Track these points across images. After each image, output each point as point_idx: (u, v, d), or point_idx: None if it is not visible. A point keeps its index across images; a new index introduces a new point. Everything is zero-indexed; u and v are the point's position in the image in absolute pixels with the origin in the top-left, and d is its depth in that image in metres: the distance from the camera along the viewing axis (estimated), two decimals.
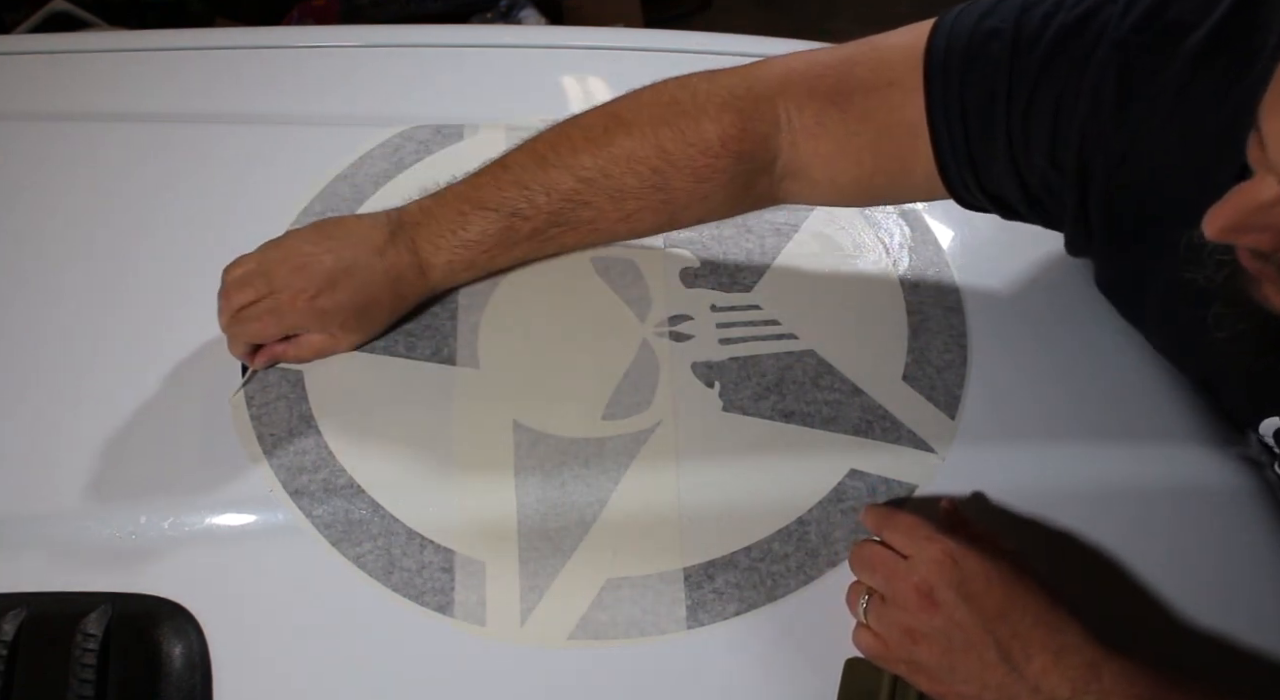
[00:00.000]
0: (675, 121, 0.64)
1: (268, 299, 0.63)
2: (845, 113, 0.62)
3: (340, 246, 0.64)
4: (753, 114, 0.63)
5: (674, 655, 0.58)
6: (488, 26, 1.95)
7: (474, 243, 0.65)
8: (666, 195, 0.65)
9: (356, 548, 0.61)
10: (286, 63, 0.91)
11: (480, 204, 0.65)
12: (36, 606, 0.57)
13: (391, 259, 0.65)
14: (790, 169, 0.65)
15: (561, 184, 0.64)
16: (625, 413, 0.66)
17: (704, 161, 0.63)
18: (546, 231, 0.66)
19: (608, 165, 0.64)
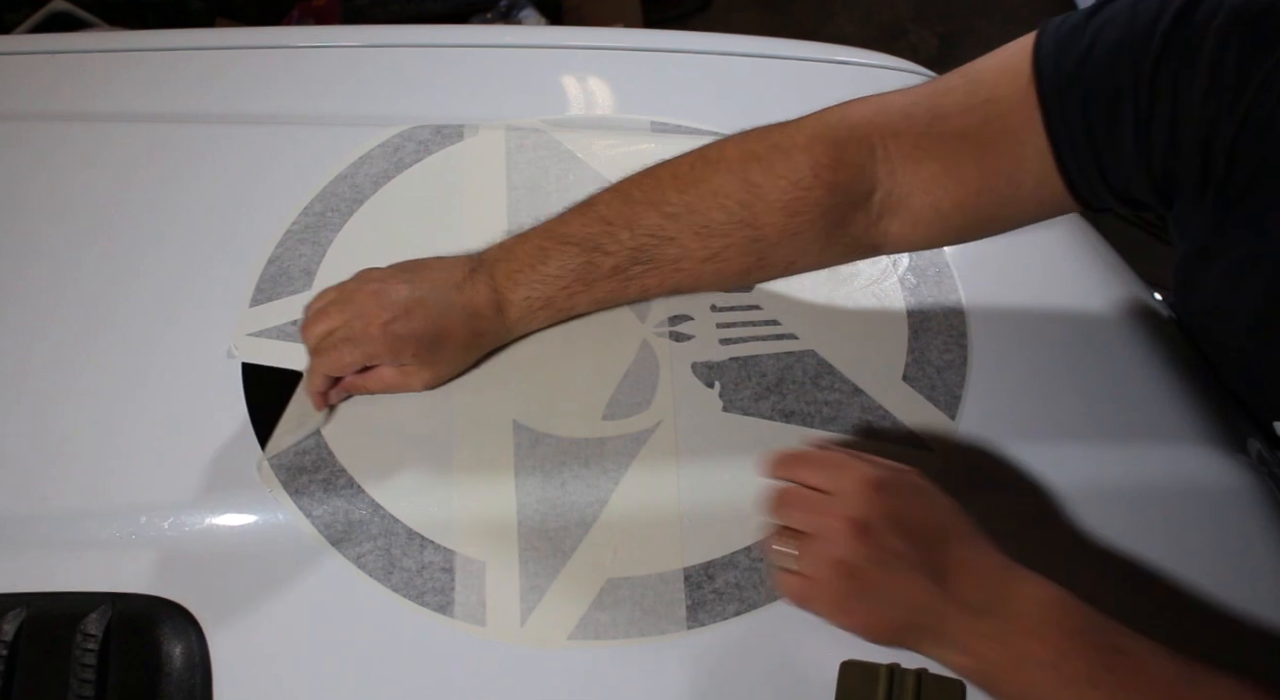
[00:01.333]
0: (764, 156, 0.62)
1: (343, 327, 0.62)
2: (944, 134, 0.60)
3: (418, 278, 0.64)
4: (846, 144, 0.61)
5: (674, 655, 0.58)
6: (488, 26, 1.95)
7: (553, 277, 0.64)
8: (755, 232, 0.62)
9: (356, 548, 0.61)
10: (286, 63, 0.91)
11: (562, 239, 0.64)
12: (36, 606, 0.57)
13: (468, 293, 0.64)
14: (889, 203, 0.62)
15: (645, 219, 0.63)
16: (625, 413, 0.66)
17: (795, 194, 0.60)
18: (628, 269, 0.64)
19: (694, 200, 0.62)
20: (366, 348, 0.62)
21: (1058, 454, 0.65)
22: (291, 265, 0.74)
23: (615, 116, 0.85)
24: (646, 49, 0.93)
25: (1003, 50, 0.59)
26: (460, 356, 0.65)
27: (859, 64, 0.94)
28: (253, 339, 0.69)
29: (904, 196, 0.61)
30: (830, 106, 0.63)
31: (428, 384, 0.65)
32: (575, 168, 0.80)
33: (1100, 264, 0.76)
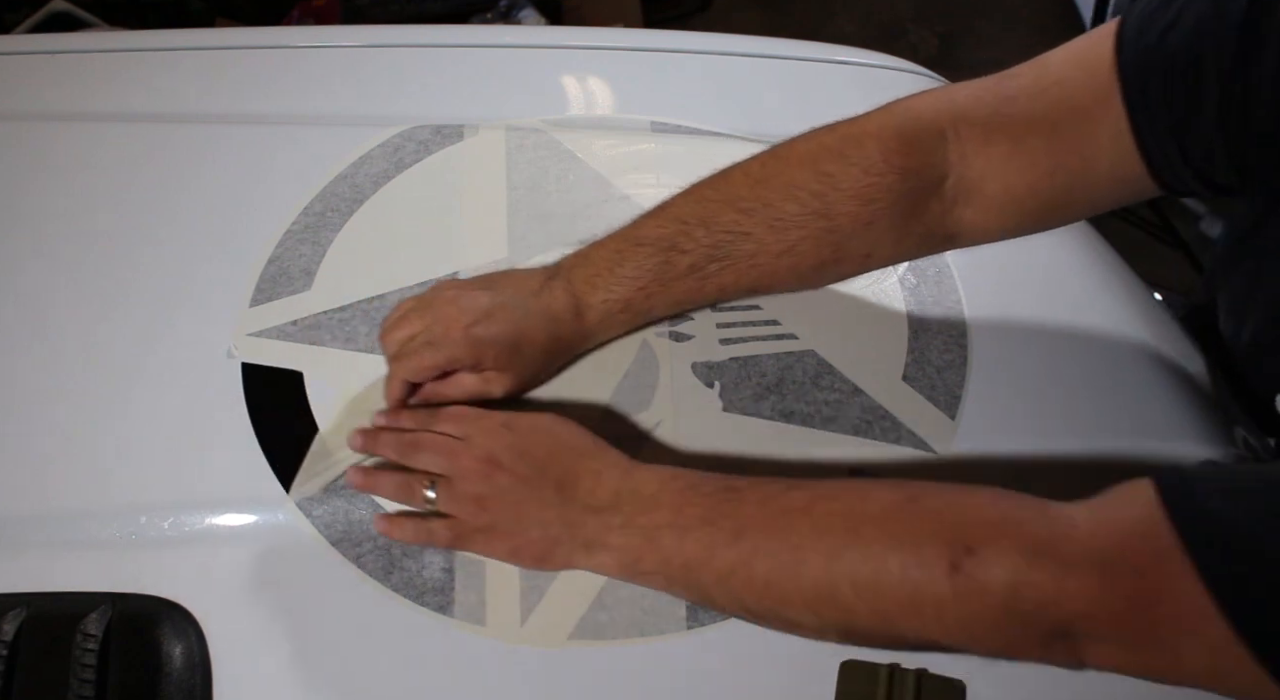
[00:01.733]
0: (835, 146, 0.62)
1: (423, 332, 0.62)
2: (1013, 116, 0.60)
3: (496, 286, 0.64)
4: (916, 130, 0.61)
5: (674, 655, 0.58)
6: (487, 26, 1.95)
7: (629, 279, 0.64)
8: (829, 222, 0.62)
9: (356, 548, 0.61)
10: (286, 63, 0.91)
11: (637, 241, 0.64)
12: (36, 606, 0.57)
13: (546, 299, 0.64)
14: (962, 188, 0.62)
15: (720, 216, 0.63)
16: (625, 413, 0.66)
17: (867, 181, 0.60)
18: (705, 267, 0.64)
19: (767, 194, 0.62)
20: (448, 351, 0.61)
21: (1057, 454, 0.65)
22: (291, 265, 0.74)
23: (615, 116, 0.85)
24: (646, 49, 0.93)
25: (1075, 41, 0.59)
26: (540, 362, 0.65)
27: (859, 64, 0.94)
28: (253, 339, 0.69)
29: (977, 181, 0.61)
30: (897, 99, 0.63)
31: (508, 391, 0.64)
32: (575, 168, 0.80)
33: (1100, 264, 0.76)
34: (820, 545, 0.50)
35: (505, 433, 0.58)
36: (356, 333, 0.70)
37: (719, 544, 0.53)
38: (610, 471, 0.57)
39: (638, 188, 0.79)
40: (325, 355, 0.69)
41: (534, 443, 0.58)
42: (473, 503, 0.57)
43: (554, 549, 0.57)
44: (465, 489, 0.57)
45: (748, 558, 0.52)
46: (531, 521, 0.57)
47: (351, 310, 0.71)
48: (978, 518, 0.49)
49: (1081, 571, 0.46)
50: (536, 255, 0.74)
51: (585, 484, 0.57)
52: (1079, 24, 2.27)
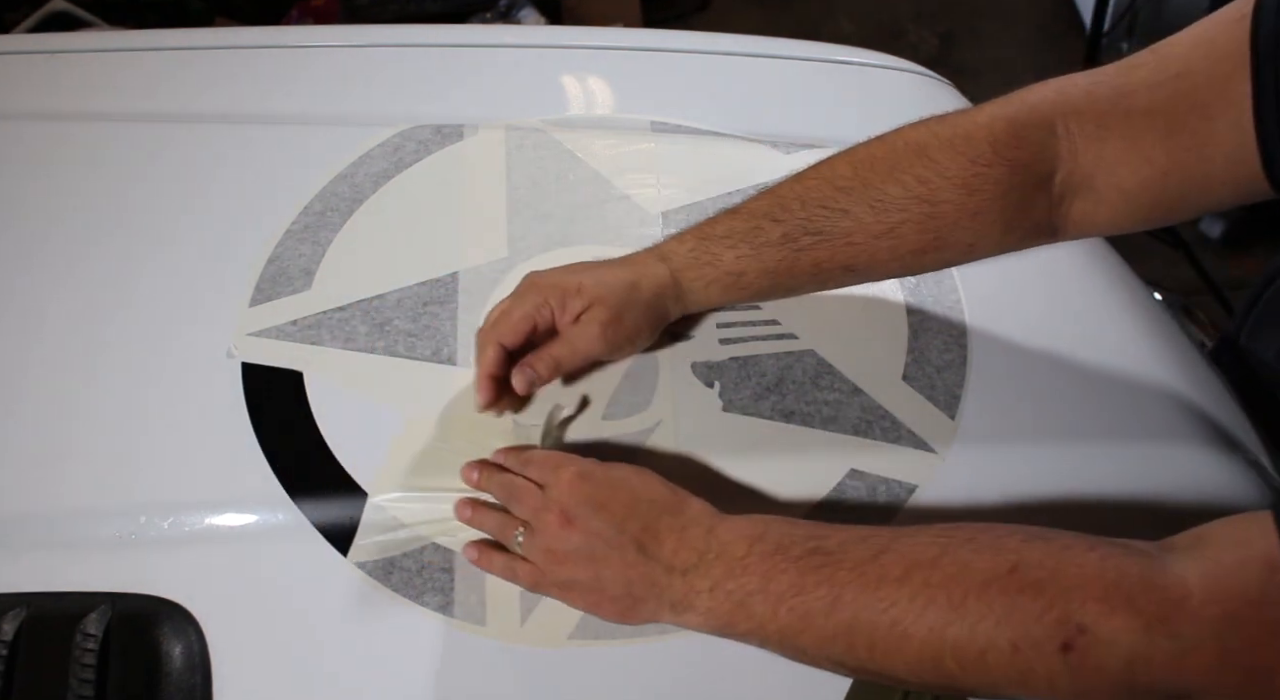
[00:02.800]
0: (943, 134, 0.60)
1: (513, 297, 0.64)
2: (1130, 111, 0.57)
3: (598, 264, 0.66)
4: (1027, 123, 0.59)
5: (674, 655, 0.58)
6: (487, 26, 1.95)
7: (719, 237, 0.64)
8: (932, 208, 0.60)
9: (356, 548, 0.61)
10: (286, 63, 0.91)
11: (731, 212, 0.65)
12: (36, 606, 0.57)
13: (641, 266, 0.65)
14: (1071, 183, 0.60)
15: (817, 190, 0.62)
16: (625, 413, 0.66)
17: (974, 171, 0.59)
18: (798, 238, 0.62)
19: (869, 175, 0.61)
20: (532, 296, 0.62)
21: (1057, 454, 0.65)
22: (291, 265, 0.74)
23: (615, 116, 0.85)
24: (646, 49, 0.93)
25: (1197, 25, 0.57)
26: (626, 292, 0.63)
27: (859, 64, 0.94)
28: (253, 339, 0.69)
29: (1087, 176, 0.59)
30: (1014, 92, 0.62)
31: (604, 326, 0.63)
32: (575, 168, 0.80)
33: (1100, 264, 0.76)
34: (922, 621, 0.49)
35: (582, 485, 0.57)
36: (356, 332, 0.70)
37: (815, 614, 0.51)
38: (693, 529, 0.55)
39: (638, 187, 0.79)
40: (325, 355, 0.69)
41: (612, 497, 0.56)
42: (545, 555, 0.56)
43: (638, 607, 0.55)
44: (543, 543, 0.56)
45: (846, 629, 0.50)
46: (612, 580, 0.55)
47: (351, 310, 0.71)
48: (1085, 588, 0.47)
49: (1200, 646, 0.45)
50: (536, 255, 0.74)
51: (668, 544, 0.55)
52: (1079, 24, 2.27)
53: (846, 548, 0.52)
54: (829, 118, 0.88)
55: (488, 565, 0.59)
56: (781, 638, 0.52)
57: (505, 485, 0.60)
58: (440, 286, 0.72)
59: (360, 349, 0.69)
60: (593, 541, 0.55)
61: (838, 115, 0.89)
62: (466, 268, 0.73)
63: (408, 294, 0.72)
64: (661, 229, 0.76)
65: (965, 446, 0.65)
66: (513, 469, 0.61)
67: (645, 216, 0.77)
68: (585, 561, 0.55)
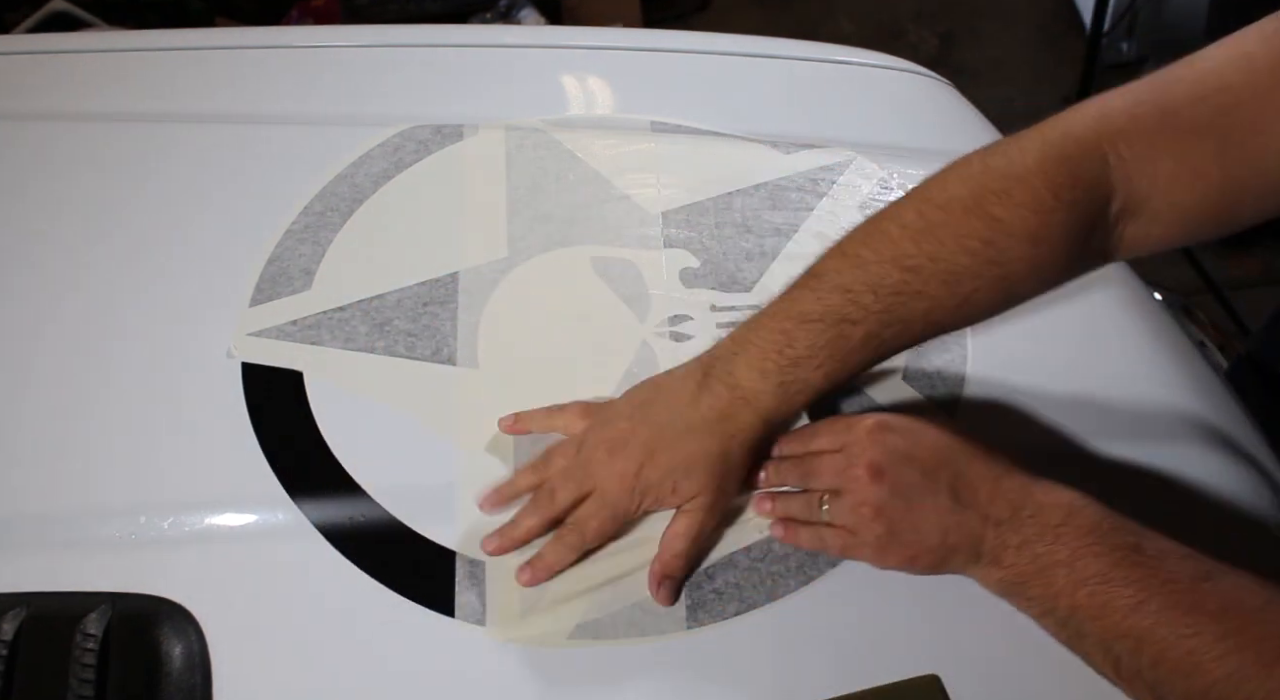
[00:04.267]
0: (997, 187, 0.57)
1: (593, 496, 0.59)
2: (1176, 130, 0.56)
3: (651, 412, 0.60)
4: (1078, 157, 0.57)
5: (674, 655, 0.58)
6: (487, 26, 1.95)
7: (803, 359, 0.59)
8: (1003, 269, 0.58)
9: (356, 547, 0.61)
10: (286, 63, 0.91)
11: (802, 318, 0.59)
12: (36, 606, 0.57)
13: (707, 403, 0.59)
14: (1127, 208, 0.58)
15: (887, 279, 0.58)
16: None
17: (1037, 221, 0.57)
18: (880, 334, 0.59)
19: (934, 248, 0.58)
20: (622, 509, 0.59)
21: (1057, 455, 0.65)
22: (291, 265, 0.74)
23: (615, 116, 0.85)
24: (646, 49, 0.93)
25: (1228, 40, 0.56)
26: (724, 468, 0.60)
27: (859, 64, 0.94)
28: (253, 339, 0.69)
29: (1142, 200, 0.58)
30: (1046, 121, 0.60)
31: (714, 508, 0.60)
32: (575, 168, 0.80)
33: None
34: (1222, 665, 0.47)
35: (886, 435, 0.56)
36: (356, 332, 0.70)
37: (1114, 609, 0.50)
38: (1007, 481, 0.55)
39: (638, 187, 0.79)
40: (325, 355, 0.69)
41: (917, 444, 0.56)
42: (861, 512, 0.56)
43: (950, 557, 0.55)
44: (854, 500, 0.56)
45: (1140, 634, 0.49)
46: (929, 528, 0.55)
47: (351, 310, 0.71)
48: None
49: None
50: (536, 255, 0.74)
51: (983, 492, 0.55)
52: (1079, 24, 2.27)
53: (1165, 558, 0.51)
54: (829, 118, 0.88)
55: (794, 538, 0.59)
56: (1070, 616, 0.52)
57: (798, 466, 0.60)
58: (440, 286, 0.72)
59: (360, 349, 0.69)
60: (907, 491, 0.55)
61: (838, 115, 0.89)
62: (466, 268, 0.73)
63: (408, 294, 0.72)
64: (661, 229, 0.76)
65: None
66: (797, 452, 0.61)
67: (645, 216, 0.77)
68: (901, 513, 0.55)
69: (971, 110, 0.94)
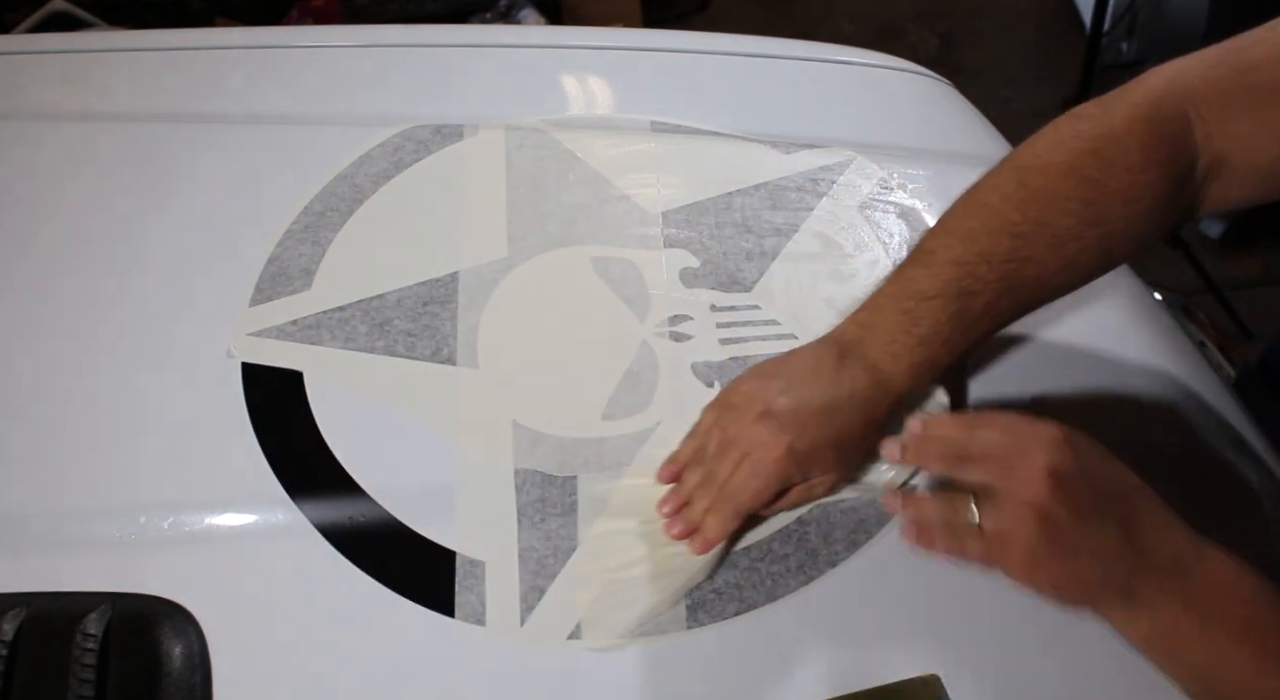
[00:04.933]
0: (1090, 149, 0.59)
1: (745, 462, 0.59)
2: (1252, 90, 0.58)
3: (792, 384, 0.60)
4: (1160, 119, 0.58)
5: (674, 655, 0.58)
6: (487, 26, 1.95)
7: (930, 337, 0.59)
8: (1102, 229, 0.59)
9: (356, 547, 0.61)
10: (286, 63, 0.91)
11: (922, 296, 0.59)
12: (36, 606, 0.57)
13: (848, 385, 0.59)
14: (1209, 167, 0.60)
15: (998, 248, 0.59)
16: (625, 413, 0.66)
17: (1130, 180, 0.58)
18: (998, 304, 0.59)
19: (1039, 214, 0.58)
20: (777, 476, 0.59)
21: None
22: (291, 265, 0.74)
23: (615, 116, 0.85)
24: (646, 49, 0.93)
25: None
26: (860, 449, 0.61)
27: (859, 64, 0.94)
28: (253, 339, 0.69)
29: (1222, 158, 0.59)
30: (1126, 86, 0.61)
31: (833, 486, 0.62)
32: (575, 167, 0.80)
33: None
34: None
35: (1068, 449, 0.50)
36: (356, 332, 0.70)
37: None
38: (1175, 529, 0.51)
39: (638, 187, 0.79)
40: (325, 355, 0.69)
41: (1100, 469, 0.51)
42: (1025, 518, 0.49)
43: (1102, 593, 0.50)
44: (1020, 499, 0.50)
45: None
46: (1091, 555, 0.49)
47: (351, 310, 0.71)
48: None
49: None
50: (536, 255, 0.74)
51: (1153, 533, 0.50)
52: (1079, 24, 2.27)
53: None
54: (829, 118, 0.88)
55: (928, 542, 0.52)
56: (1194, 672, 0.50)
57: (951, 449, 0.52)
58: (440, 286, 0.72)
59: (360, 349, 0.69)
60: (1081, 509, 0.49)
61: (838, 115, 0.89)
62: (466, 268, 0.73)
63: (408, 294, 0.72)
64: (661, 229, 0.76)
65: None
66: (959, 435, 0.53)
67: (645, 216, 0.77)
68: (1066, 529, 0.49)
69: (971, 110, 0.94)
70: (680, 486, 0.62)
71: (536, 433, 0.65)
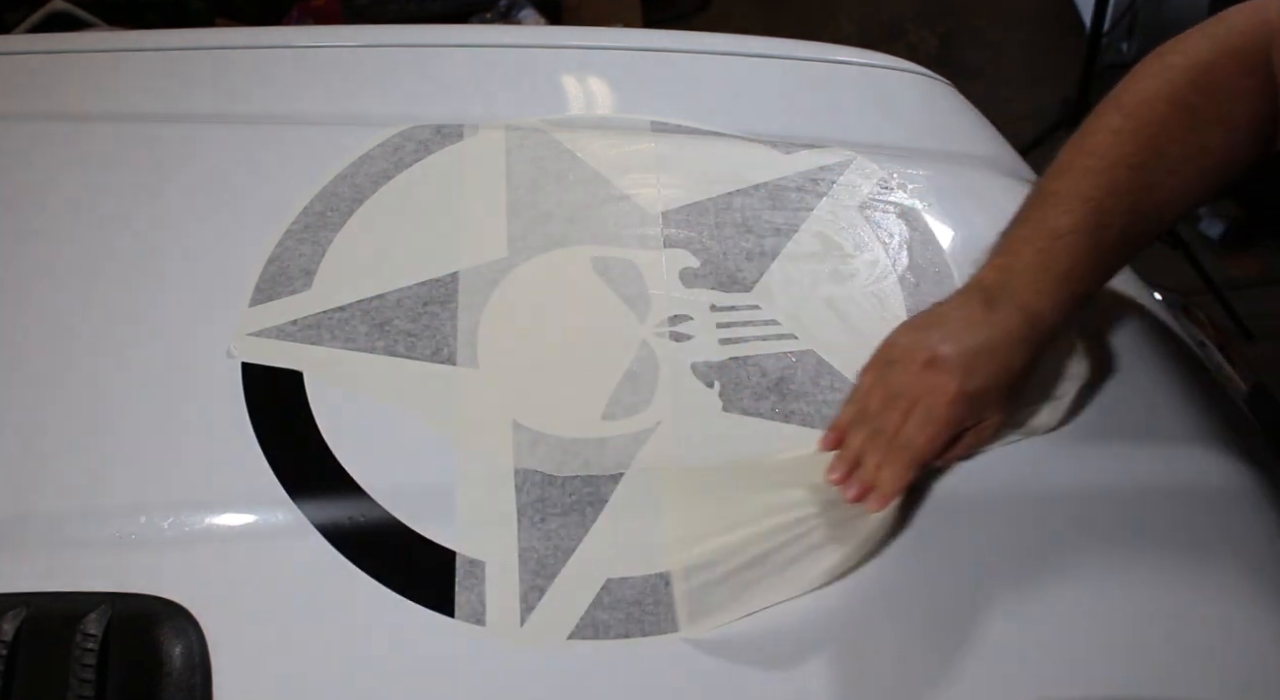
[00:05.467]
0: (1184, 79, 0.61)
1: (916, 409, 0.60)
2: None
3: (951, 332, 0.61)
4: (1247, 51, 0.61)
5: (674, 655, 0.58)
6: (487, 26, 1.95)
7: (1069, 272, 0.61)
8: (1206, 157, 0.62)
9: (356, 547, 0.61)
10: (286, 63, 0.91)
11: (1056, 234, 0.61)
12: (36, 606, 0.57)
13: (1003, 327, 0.61)
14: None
15: (1121, 180, 0.61)
16: (625, 413, 0.66)
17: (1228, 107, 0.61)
18: (1127, 234, 0.62)
19: (1151, 142, 0.61)
20: (952, 421, 0.60)
21: (1057, 455, 0.65)
22: (291, 265, 0.74)
23: (615, 116, 0.85)
24: (646, 49, 0.93)
25: None
26: (1020, 386, 0.63)
27: (859, 64, 0.94)
28: (253, 339, 0.69)
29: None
30: (1207, 22, 0.64)
31: (996, 433, 0.64)
32: (575, 167, 0.80)
33: None
34: None
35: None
36: (356, 332, 0.70)
37: None
38: None
39: (638, 187, 0.79)
40: (325, 355, 0.69)
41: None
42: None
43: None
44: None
45: None
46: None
47: (351, 310, 0.71)
48: None
49: None
50: (536, 255, 0.74)
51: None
52: (1079, 24, 2.27)
53: None
54: (829, 118, 0.88)
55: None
56: None
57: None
58: (440, 286, 0.72)
59: (360, 349, 0.69)
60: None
61: (838, 115, 0.89)
62: (466, 268, 0.73)
63: (408, 294, 0.72)
64: (661, 229, 0.76)
65: None
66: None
67: (645, 216, 0.77)
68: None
69: (971, 110, 0.94)
70: (845, 450, 0.62)
71: (536, 433, 0.65)
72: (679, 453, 0.64)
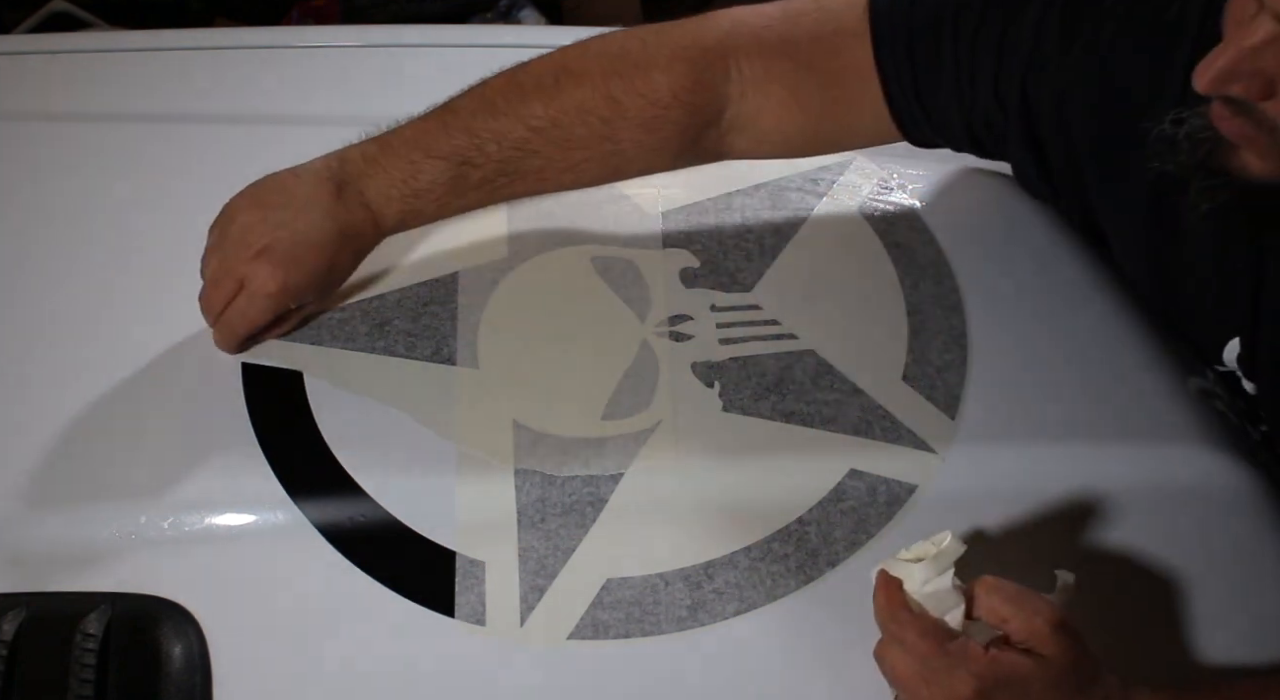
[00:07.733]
0: (626, 72, 0.65)
1: (241, 294, 0.64)
2: (793, 61, 0.65)
3: (290, 217, 0.64)
4: (704, 65, 0.65)
5: (674, 655, 0.58)
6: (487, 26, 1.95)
7: (425, 192, 0.66)
8: (614, 146, 0.66)
9: (356, 547, 0.61)
10: (286, 63, 0.91)
11: (430, 152, 0.65)
12: (36, 606, 0.57)
13: (344, 219, 0.65)
14: (738, 121, 0.67)
15: (512, 133, 0.65)
16: (625, 413, 0.66)
17: (654, 112, 0.65)
18: (495, 180, 0.66)
19: (558, 115, 0.65)
20: (275, 306, 0.64)
21: (1058, 454, 0.65)
22: None
23: None
24: None
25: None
26: (347, 276, 0.68)
27: None
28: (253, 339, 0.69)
29: (753, 116, 0.66)
30: (684, 22, 0.67)
31: (324, 305, 0.69)
32: None
33: (1101, 264, 0.76)
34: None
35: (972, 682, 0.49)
36: (356, 333, 0.70)
37: None
38: None
39: (638, 187, 0.79)
40: (325, 355, 0.69)
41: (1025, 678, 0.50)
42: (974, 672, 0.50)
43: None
44: None
45: None
46: None
47: (351, 310, 0.71)
48: None
49: None
50: (536, 255, 0.74)
51: None
52: None
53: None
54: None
55: None
56: None
57: None
58: (440, 286, 0.72)
59: (360, 349, 0.69)
60: None
61: None
62: (466, 268, 0.73)
63: (408, 294, 0.72)
64: (661, 229, 0.76)
65: (965, 447, 0.65)
66: None
67: (645, 216, 0.77)
68: None
69: None
70: None
71: (536, 433, 0.65)
72: (679, 453, 0.64)
